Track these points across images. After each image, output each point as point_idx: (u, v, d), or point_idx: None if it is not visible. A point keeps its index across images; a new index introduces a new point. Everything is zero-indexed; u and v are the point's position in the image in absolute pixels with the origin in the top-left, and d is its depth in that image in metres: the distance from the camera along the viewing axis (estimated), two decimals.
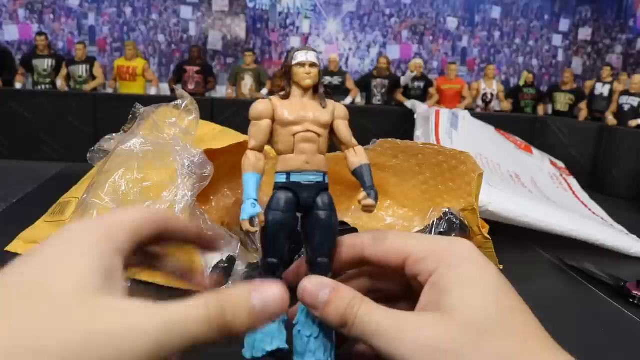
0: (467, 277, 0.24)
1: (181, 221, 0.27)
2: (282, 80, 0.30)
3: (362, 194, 0.29)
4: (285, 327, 0.28)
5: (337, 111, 0.30)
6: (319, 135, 0.29)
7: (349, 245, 0.29)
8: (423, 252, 0.26)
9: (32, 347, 0.16)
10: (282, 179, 0.28)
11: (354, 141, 0.30)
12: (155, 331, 0.18)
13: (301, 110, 0.29)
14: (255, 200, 0.27)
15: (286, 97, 0.29)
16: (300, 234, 0.30)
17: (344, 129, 0.30)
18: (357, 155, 0.30)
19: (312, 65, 0.29)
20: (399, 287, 0.30)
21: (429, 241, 0.27)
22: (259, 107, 0.28)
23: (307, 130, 0.28)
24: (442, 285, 0.24)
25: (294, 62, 0.29)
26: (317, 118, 0.29)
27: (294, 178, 0.28)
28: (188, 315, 0.20)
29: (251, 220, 0.27)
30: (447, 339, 0.22)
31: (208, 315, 0.20)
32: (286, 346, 0.28)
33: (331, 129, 0.30)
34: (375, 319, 0.24)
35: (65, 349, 0.17)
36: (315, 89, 0.30)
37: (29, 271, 0.19)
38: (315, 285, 0.26)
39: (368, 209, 0.29)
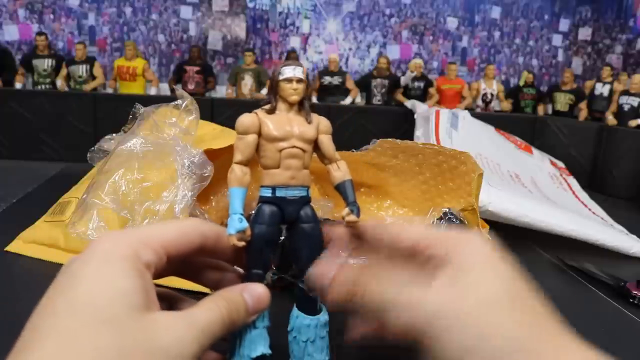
0: (482, 262, 0.25)
1: (219, 238, 0.28)
2: (269, 94, 0.30)
3: (346, 210, 0.29)
4: (268, 333, 0.29)
5: (321, 126, 0.30)
6: (304, 151, 0.29)
7: (372, 229, 0.29)
8: (436, 239, 0.26)
9: None
10: (267, 193, 0.29)
11: (337, 156, 0.31)
12: (196, 339, 0.22)
13: (287, 126, 0.29)
14: (242, 215, 0.27)
15: (272, 111, 0.29)
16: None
17: (327, 144, 0.30)
18: (340, 170, 0.30)
19: (299, 81, 0.29)
20: (408, 272, 0.30)
21: (440, 230, 0.28)
22: (246, 121, 0.29)
23: (293, 147, 0.29)
24: (458, 267, 0.25)
25: (281, 77, 0.29)
26: (303, 134, 0.29)
27: (279, 193, 0.29)
28: (211, 320, 0.24)
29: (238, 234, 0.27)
30: (459, 308, 0.23)
31: (222, 317, 0.24)
32: (269, 351, 0.28)
33: (315, 143, 0.30)
34: (385, 290, 0.25)
35: None
36: (301, 103, 0.30)
37: (78, 294, 0.21)
38: (320, 270, 0.28)
39: (351, 225, 0.29)
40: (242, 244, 0.27)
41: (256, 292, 0.27)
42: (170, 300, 0.29)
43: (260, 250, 0.29)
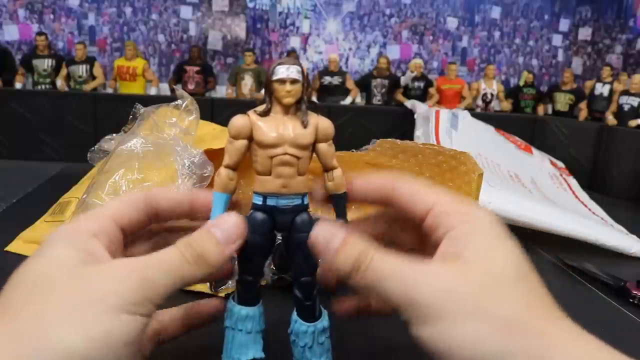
0: (489, 238, 0.24)
1: (171, 197, 0.28)
2: (264, 95, 0.28)
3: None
4: (262, 337, 0.28)
5: (319, 130, 0.27)
6: (298, 157, 0.27)
7: (379, 180, 0.28)
8: (449, 206, 0.26)
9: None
10: (258, 201, 0.27)
11: (334, 163, 0.28)
12: (139, 285, 0.22)
13: (280, 131, 0.27)
14: None
15: (266, 113, 0.27)
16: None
17: (324, 152, 0.28)
18: (334, 181, 0.28)
19: (294, 81, 0.26)
20: (412, 240, 0.30)
21: (455, 199, 0.27)
22: (237, 124, 0.27)
23: (285, 154, 0.26)
24: (464, 240, 0.24)
25: (274, 78, 0.26)
26: (297, 140, 0.27)
27: (270, 202, 0.27)
28: (165, 261, 0.23)
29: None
30: (465, 283, 0.22)
31: (179, 252, 0.24)
32: (262, 355, 0.28)
33: (313, 146, 0.28)
34: (390, 262, 0.24)
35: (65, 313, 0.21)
36: (299, 102, 0.27)
37: (29, 268, 0.23)
38: (327, 233, 0.26)
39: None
40: None
41: (226, 225, 0.25)
42: None
43: (250, 259, 0.28)
